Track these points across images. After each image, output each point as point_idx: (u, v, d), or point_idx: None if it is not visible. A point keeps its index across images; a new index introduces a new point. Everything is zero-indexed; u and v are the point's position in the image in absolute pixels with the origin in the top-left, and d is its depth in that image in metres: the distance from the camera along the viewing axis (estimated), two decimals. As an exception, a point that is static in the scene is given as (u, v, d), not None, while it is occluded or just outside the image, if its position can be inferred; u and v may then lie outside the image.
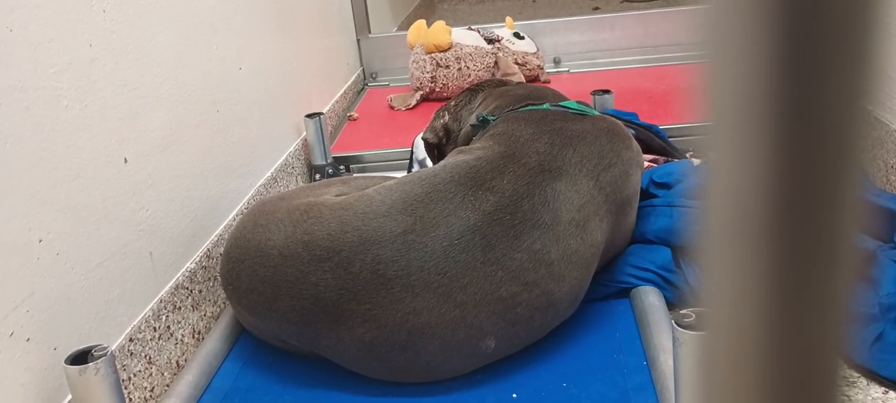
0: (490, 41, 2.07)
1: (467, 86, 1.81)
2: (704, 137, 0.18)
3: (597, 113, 1.18)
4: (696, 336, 0.78)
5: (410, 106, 2.02)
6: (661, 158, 1.47)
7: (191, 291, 1.13)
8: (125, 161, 1.00)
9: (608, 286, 1.13)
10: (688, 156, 1.50)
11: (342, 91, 2.07)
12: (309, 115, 1.65)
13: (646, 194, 1.29)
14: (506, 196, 0.97)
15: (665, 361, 0.93)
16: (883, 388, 0.97)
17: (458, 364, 0.97)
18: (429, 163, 1.42)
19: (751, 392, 0.19)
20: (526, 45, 2.10)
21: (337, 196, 1.05)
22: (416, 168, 1.48)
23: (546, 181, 0.99)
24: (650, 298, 1.08)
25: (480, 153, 1.04)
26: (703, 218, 0.19)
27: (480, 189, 0.97)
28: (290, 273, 0.96)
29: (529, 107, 1.15)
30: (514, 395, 0.96)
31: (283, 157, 1.57)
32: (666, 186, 1.28)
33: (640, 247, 1.17)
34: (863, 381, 0.98)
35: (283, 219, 1.01)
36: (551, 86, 1.77)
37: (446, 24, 2.07)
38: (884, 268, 1.09)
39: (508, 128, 1.08)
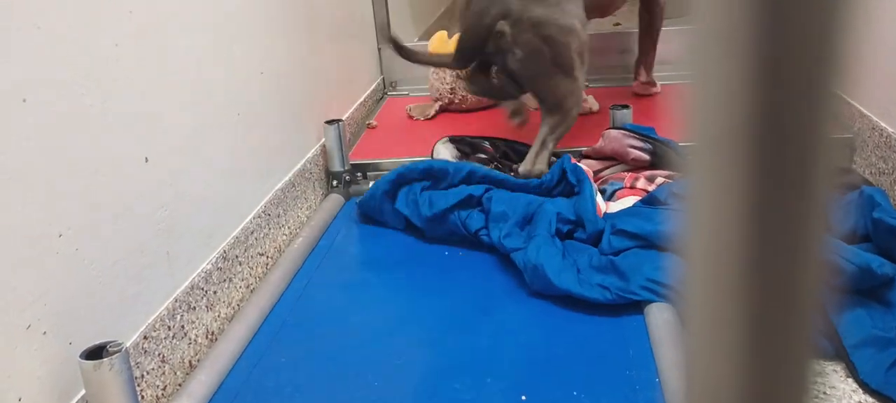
0: (510, 54, 2.07)
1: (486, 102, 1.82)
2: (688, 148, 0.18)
3: None
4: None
5: (429, 116, 2.02)
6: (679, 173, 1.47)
7: (206, 292, 1.14)
8: (146, 160, 1.01)
9: (623, 297, 1.13)
10: None
11: (362, 99, 2.08)
12: (328, 122, 1.66)
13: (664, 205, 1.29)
14: None
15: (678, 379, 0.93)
16: (898, 413, 0.95)
17: None
18: None
19: (730, 380, 0.19)
20: (546, 59, 2.09)
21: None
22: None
23: None
24: (665, 315, 1.08)
25: None
26: (685, 219, 0.19)
27: None
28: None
29: None
30: (524, 397, 0.96)
31: (302, 162, 1.58)
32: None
33: (655, 256, 1.17)
34: (877, 405, 0.97)
35: None
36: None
37: (467, 36, 2.07)
38: (901, 292, 1.08)
39: None
